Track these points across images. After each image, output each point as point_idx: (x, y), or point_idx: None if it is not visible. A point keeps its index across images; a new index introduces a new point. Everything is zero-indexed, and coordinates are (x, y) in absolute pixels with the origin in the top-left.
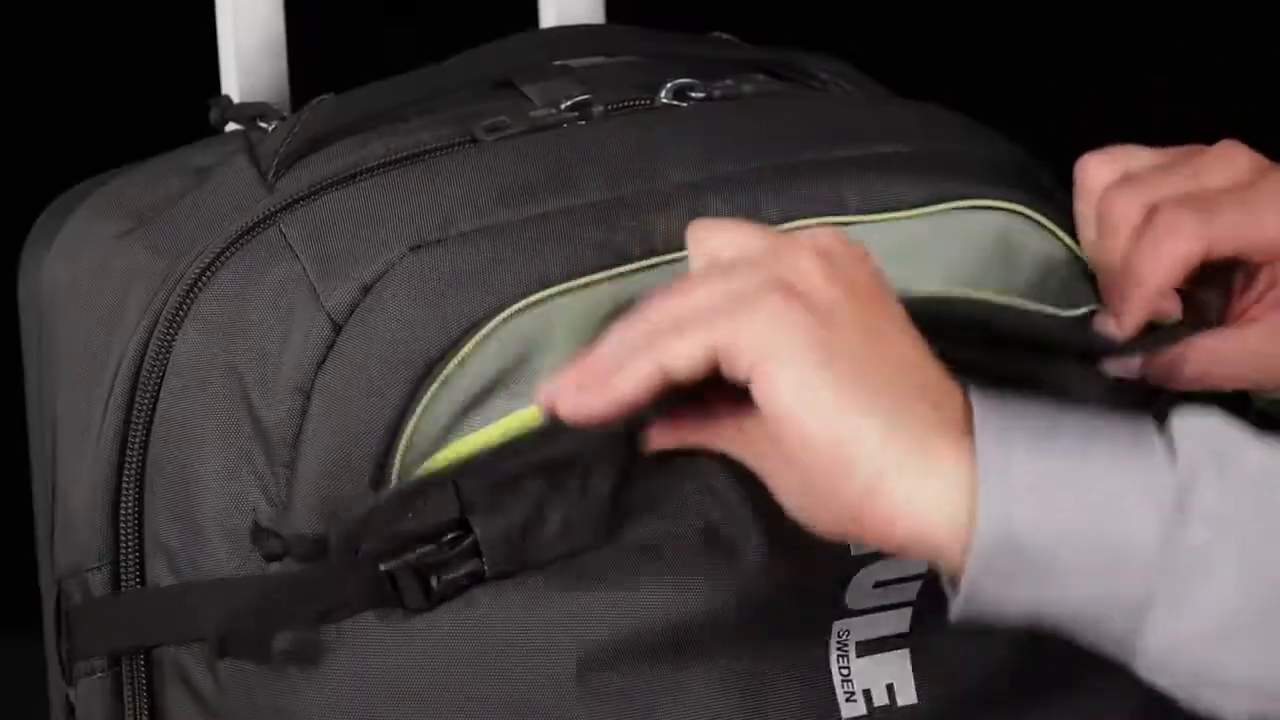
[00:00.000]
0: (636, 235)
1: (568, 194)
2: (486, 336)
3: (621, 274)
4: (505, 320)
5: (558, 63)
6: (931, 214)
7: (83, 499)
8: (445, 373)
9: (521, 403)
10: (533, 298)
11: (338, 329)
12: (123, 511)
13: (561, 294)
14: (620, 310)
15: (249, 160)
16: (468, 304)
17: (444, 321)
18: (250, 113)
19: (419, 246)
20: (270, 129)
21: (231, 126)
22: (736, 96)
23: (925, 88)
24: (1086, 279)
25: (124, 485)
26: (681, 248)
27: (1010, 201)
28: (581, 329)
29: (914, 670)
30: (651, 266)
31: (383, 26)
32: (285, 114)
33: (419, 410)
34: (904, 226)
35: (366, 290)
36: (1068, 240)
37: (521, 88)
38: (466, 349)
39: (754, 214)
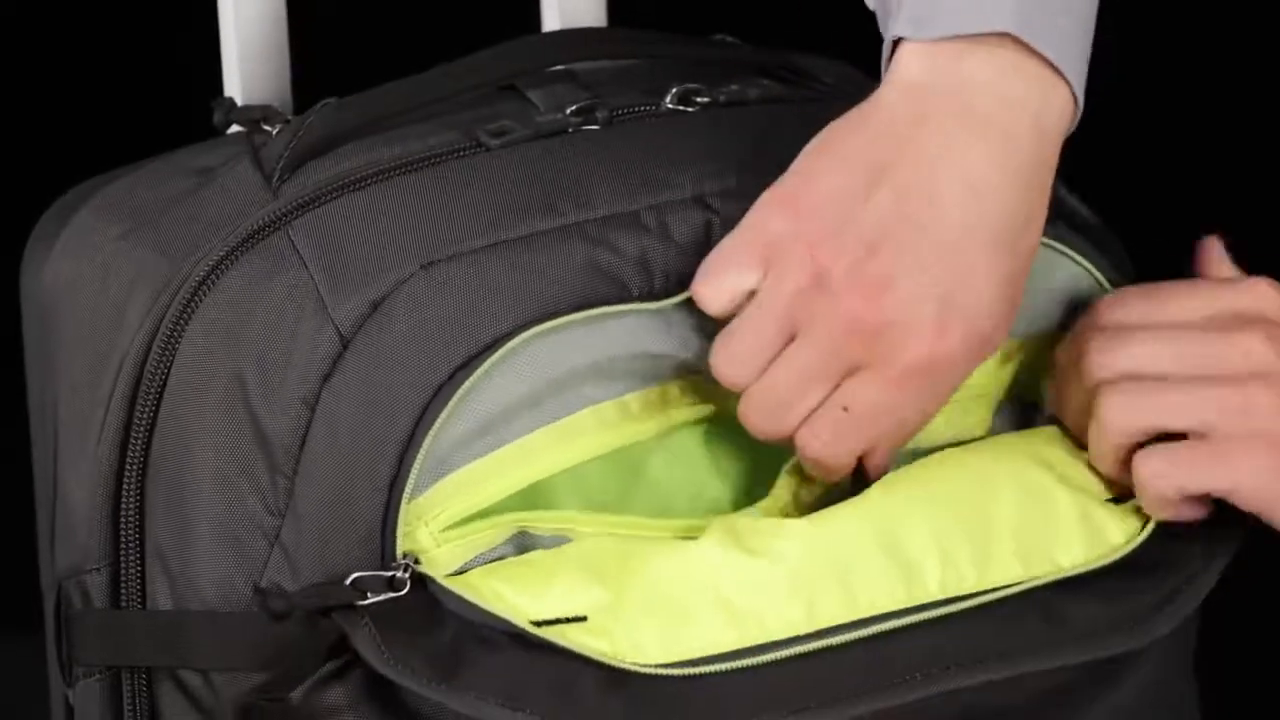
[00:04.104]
0: (639, 267)
1: (579, 207)
2: (494, 364)
3: (625, 311)
4: (512, 350)
5: (560, 67)
6: None
7: (83, 500)
8: (454, 398)
9: (525, 427)
10: (541, 328)
11: (345, 343)
12: (123, 514)
13: (569, 325)
14: (627, 344)
15: (253, 163)
16: (476, 328)
17: (452, 345)
18: (253, 115)
19: (429, 264)
20: (274, 132)
21: (234, 129)
22: (742, 102)
23: None
24: None
25: (124, 487)
26: (678, 284)
27: None
28: (585, 355)
29: None
30: (657, 311)
31: (385, 29)
32: (289, 117)
33: (428, 439)
34: None
35: (375, 306)
36: (1091, 269)
37: (525, 92)
38: (474, 377)
39: None
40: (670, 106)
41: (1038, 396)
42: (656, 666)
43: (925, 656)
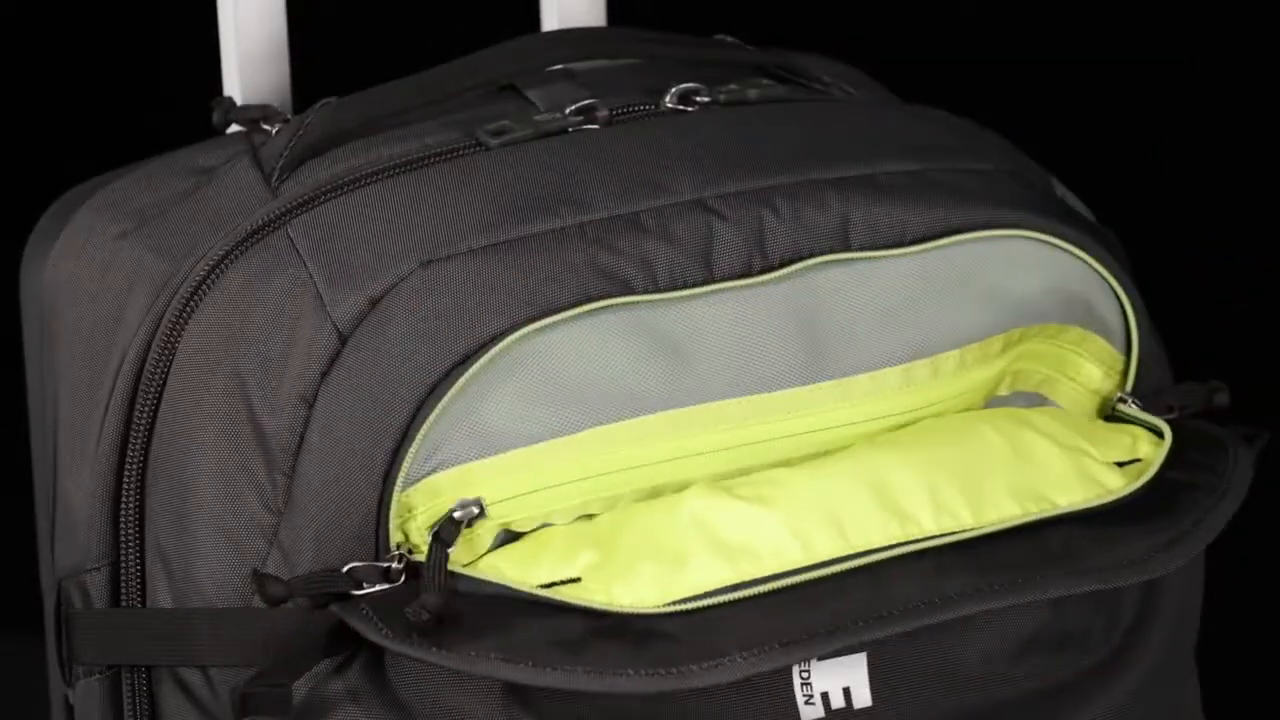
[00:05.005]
0: (640, 265)
1: (578, 210)
2: (491, 361)
3: (626, 304)
4: (510, 345)
5: (560, 66)
6: (942, 247)
7: (83, 500)
8: (450, 393)
9: (530, 435)
10: (538, 324)
11: (343, 340)
12: (123, 513)
13: (567, 321)
14: (628, 340)
15: (252, 163)
16: (475, 326)
17: (450, 342)
18: (253, 115)
19: (429, 263)
20: (273, 131)
21: (234, 128)
22: (741, 101)
23: (924, 88)
24: (1110, 293)
25: (124, 487)
26: (683, 282)
27: (1023, 228)
28: (586, 357)
29: (870, 674)
30: (653, 303)
31: (384, 28)
32: (288, 116)
33: (422, 432)
34: (918, 261)
35: (374, 303)
36: (1087, 259)
37: (525, 91)
38: (470, 372)
39: (759, 243)
40: (670, 106)
41: (1037, 387)
42: (654, 608)
43: (925, 588)
